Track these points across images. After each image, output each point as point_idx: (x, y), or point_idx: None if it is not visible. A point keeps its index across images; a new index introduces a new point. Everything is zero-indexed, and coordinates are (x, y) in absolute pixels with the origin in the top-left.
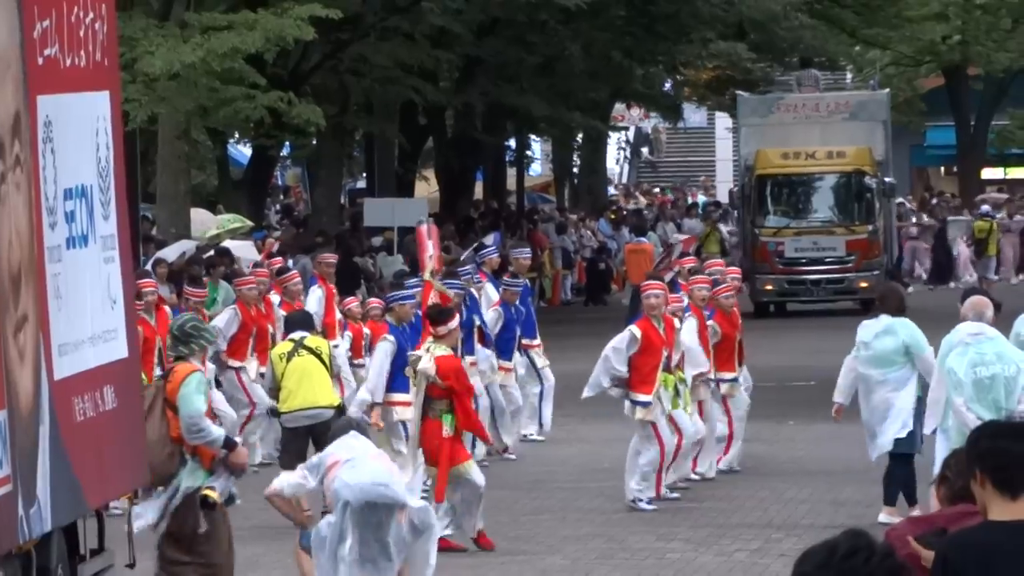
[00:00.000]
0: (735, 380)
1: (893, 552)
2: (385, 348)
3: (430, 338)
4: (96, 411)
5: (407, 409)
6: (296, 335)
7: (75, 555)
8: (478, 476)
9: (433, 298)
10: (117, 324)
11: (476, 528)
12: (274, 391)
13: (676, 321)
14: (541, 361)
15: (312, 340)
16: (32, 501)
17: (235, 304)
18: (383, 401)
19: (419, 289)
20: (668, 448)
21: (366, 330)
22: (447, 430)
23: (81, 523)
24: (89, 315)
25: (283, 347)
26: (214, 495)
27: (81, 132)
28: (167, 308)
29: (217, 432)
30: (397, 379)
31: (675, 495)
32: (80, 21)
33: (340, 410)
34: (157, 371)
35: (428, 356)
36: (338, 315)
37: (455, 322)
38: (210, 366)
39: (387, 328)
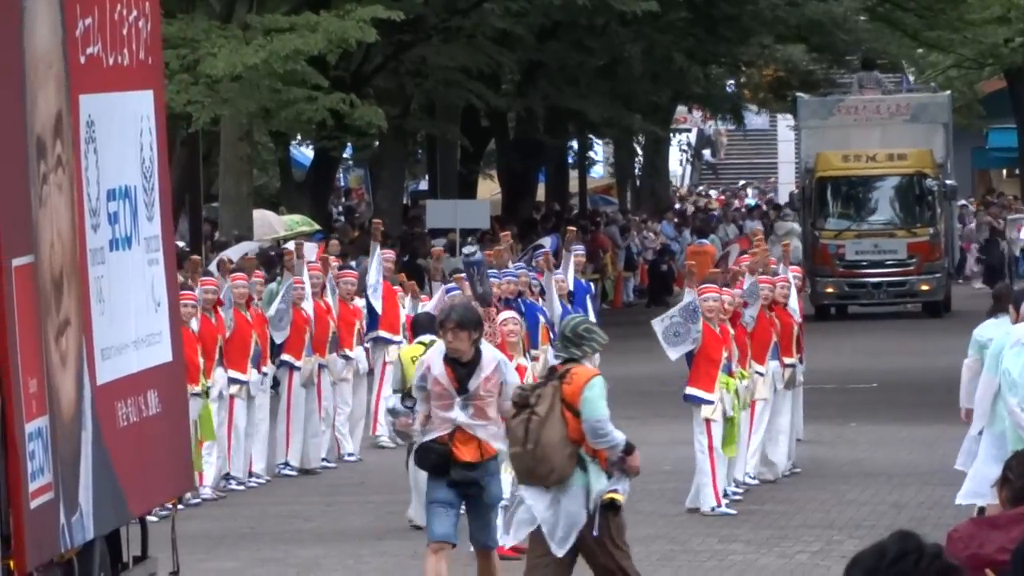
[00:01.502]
0: (792, 366)
1: (942, 552)
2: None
3: None
4: (140, 416)
5: None
6: (426, 338)
7: (118, 563)
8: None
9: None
10: (161, 327)
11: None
12: (401, 392)
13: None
14: None
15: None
16: (74, 509)
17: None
18: None
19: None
20: (716, 454)
21: None
22: None
23: (124, 530)
24: (133, 318)
25: (414, 350)
26: (621, 498)
27: (124, 132)
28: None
29: (620, 436)
30: None
31: (738, 492)
32: (123, 19)
33: None
34: (219, 370)
35: None
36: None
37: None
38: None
39: None
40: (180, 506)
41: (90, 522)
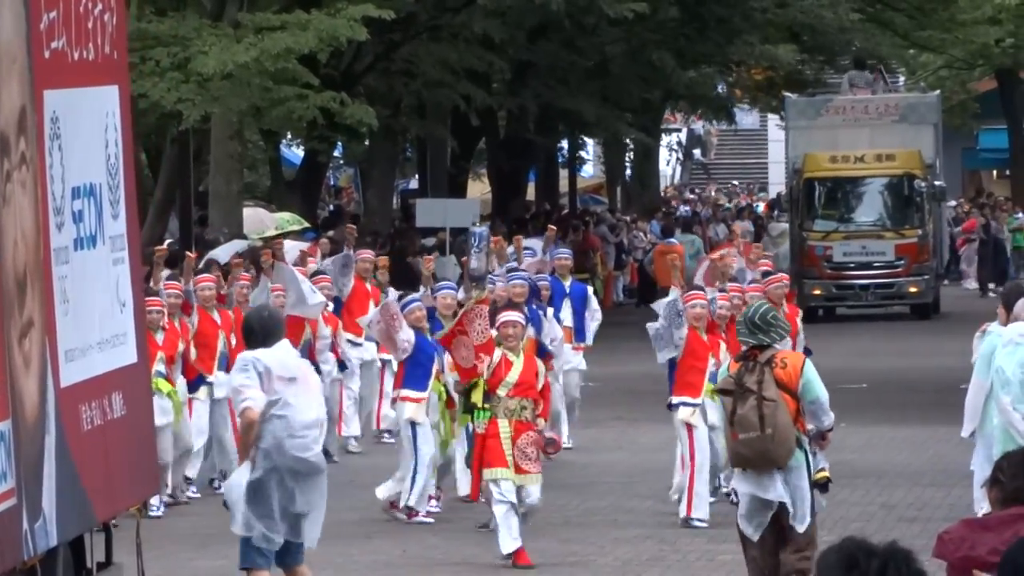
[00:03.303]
0: None
1: (903, 549)
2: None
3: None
4: (104, 419)
5: (418, 408)
6: None
7: (82, 570)
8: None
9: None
10: (126, 328)
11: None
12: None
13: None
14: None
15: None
16: (37, 515)
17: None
18: (394, 397)
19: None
20: (700, 459)
21: None
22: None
23: (88, 536)
24: (97, 319)
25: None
26: (827, 475)
27: (90, 128)
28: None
29: (832, 417)
30: (409, 376)
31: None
32: (88, 12)
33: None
34: (221, 374)
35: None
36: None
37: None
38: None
39: None
40: (166, 504)
41: (53, 528)
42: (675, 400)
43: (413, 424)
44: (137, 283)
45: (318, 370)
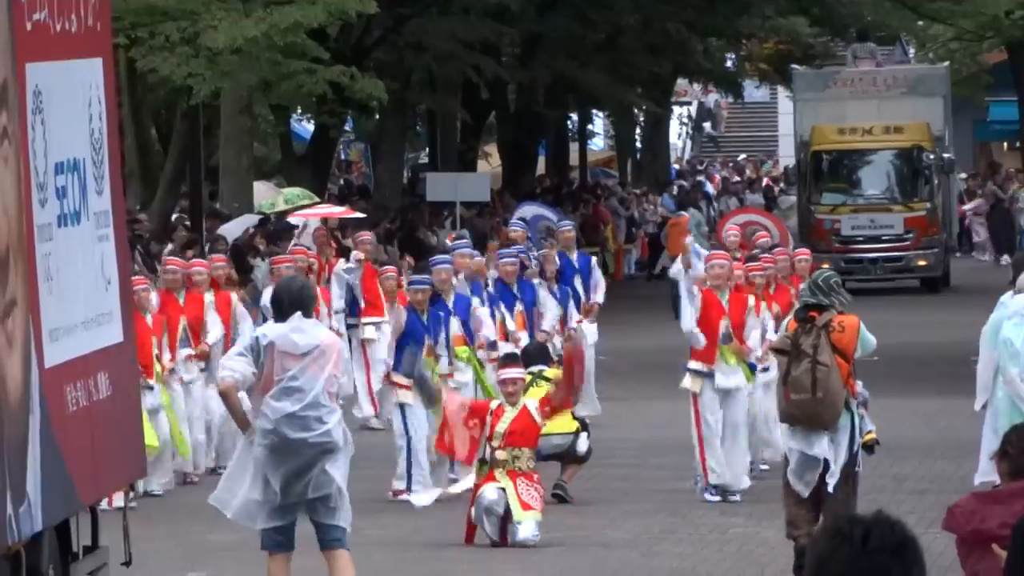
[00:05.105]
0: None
1: (889, 517)
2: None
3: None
4: (89, 400)
5: (406, 392)
6: (535, 369)
7: (68, 554)
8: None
9: None
10: (112, 306)
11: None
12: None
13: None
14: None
15: (551, 372)
16: (22, 499)
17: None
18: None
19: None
20: (706, 430)
21: None
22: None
23: (74, 519)
24: (82, 297)
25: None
26: (874, 437)
27: (73, 102)
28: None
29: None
30: (399, 360)
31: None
32: None
33: (577, 433)
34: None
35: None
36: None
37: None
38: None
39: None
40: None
41: (39, 512)
42: (691, 365)
43: (403, 407)
44: (123, 260)
45: None
